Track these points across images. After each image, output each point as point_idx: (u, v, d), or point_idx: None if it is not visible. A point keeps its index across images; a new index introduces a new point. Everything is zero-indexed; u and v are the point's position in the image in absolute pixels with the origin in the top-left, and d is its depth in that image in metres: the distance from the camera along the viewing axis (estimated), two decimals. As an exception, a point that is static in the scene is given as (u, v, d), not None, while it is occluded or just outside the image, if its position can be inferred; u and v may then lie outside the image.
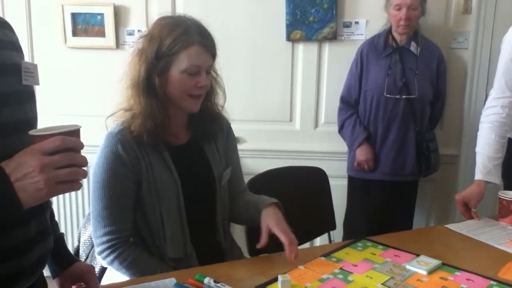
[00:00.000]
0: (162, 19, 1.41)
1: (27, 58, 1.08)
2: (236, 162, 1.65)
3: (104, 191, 1.38)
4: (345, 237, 2.58)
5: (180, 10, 2.74)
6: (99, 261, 1.43)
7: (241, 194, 1.65)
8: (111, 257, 1.38)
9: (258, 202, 1.53)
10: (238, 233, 1.82)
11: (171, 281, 1.25)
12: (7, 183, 0.80)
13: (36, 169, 0.80)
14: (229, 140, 1.63)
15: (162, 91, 1.38)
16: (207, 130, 1.53)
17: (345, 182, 2.71)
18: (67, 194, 2.93)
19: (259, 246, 1.38)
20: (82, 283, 1.20)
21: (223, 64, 1.54)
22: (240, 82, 2.79)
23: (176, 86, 1.38)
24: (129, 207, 1.41)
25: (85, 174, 0.87)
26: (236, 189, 1.65)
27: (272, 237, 1.39)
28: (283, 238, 1.35)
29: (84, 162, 0.87)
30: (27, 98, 1.01)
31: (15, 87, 0.96)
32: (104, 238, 1.38)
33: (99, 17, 2.79)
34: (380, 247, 1.51)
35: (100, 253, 1.40)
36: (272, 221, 1.40)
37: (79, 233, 1.68)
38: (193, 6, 2.71)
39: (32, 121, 1.02)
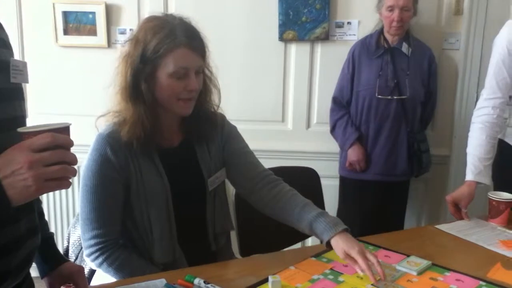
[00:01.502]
0: (147, 21, 1.37)
1: (18, 57, 1.07)
2: (241, 148, 1.58)
3: (92, 194, 1.36)
4: (336, 237, 2.57)
5: (172, 9, 2.74)
6: (88, 263, 1.42)
7: (271, 184, 1.52)
8: (99, 260, 1.37)
9: (320, 227, 1.39)
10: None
11: (161, 281, 1.24)
12: None
13: (25, 166, 0.79)
14: (225, 130, 1.57)
15: (150, 96, 1.35)
16: (201, 131, 1.50)
17: (337, 182, 2.71)
18: (57, 194, 2.92)
19: (360, 271, 1.28)
20: (71, 284, 1.19)
21: (215, 64, 1.52)
22: (232, 82, 2.78)
23: (164, 90, 1.35)
24: (118, 210, 1.40)
25: (74, 172, 0.86)
26: (256, 171, 1.54)
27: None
28: (360, 262, 1.26)
29: (74, 160, 0.85)
30: (16, 95, 1.00)
31: (3, 85, 0.95)
32: (92, 241, 1.37)
33: (90, 15, 2.78)
34: (371, 247, 1.51)
35: (88, 255, 1.39)
36: (346, 247, 1.31)
37: (69, 233, 1.66)
38: (185, 5, 2.70)
39: (20, 119, 1.01)
